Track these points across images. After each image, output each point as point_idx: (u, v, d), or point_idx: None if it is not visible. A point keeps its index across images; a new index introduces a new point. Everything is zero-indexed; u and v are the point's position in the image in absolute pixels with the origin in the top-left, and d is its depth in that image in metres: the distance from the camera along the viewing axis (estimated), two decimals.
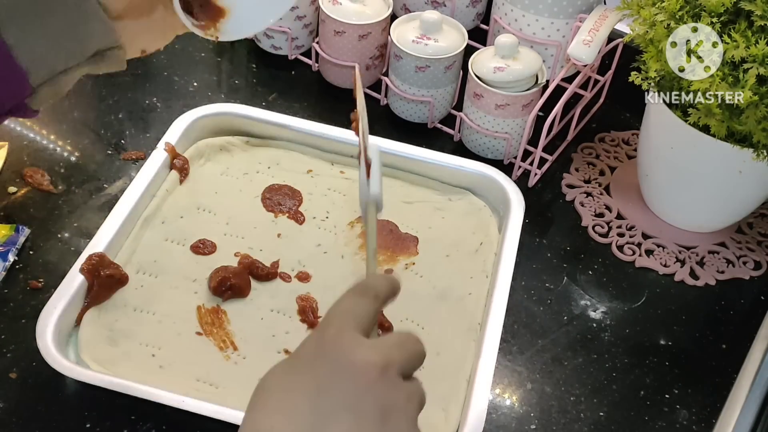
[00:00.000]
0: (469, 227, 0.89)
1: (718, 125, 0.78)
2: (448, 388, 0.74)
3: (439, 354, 0.77)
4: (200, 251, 0.83)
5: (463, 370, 0.76)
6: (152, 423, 0.72)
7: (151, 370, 0.74)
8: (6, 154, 0.92)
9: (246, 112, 0.95)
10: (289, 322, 0.79)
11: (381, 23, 1.00)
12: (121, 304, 0.78)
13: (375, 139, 0.93)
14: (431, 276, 0.84)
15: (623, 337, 0.84)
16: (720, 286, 0.90)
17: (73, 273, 0.76)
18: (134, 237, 0.83)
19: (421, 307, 0.81)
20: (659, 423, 0.77)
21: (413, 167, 0.93)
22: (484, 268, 0.84)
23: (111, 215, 0.82)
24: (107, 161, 0.95)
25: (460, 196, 0.92)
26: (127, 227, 0.82)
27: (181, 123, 0.92)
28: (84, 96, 1.03)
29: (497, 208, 0.91)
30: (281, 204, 0.89)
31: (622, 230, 0.93)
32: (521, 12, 1.00)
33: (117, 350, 0.75)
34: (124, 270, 0.79)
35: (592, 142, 1.03)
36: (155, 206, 0.86)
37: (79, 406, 0.73)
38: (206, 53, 1.11)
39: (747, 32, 0.75)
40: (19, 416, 0.72)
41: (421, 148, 0.93)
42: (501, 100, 0.93)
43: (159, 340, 0.76)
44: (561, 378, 0.79)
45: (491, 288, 0.81)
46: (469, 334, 0.79)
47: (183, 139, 0.91)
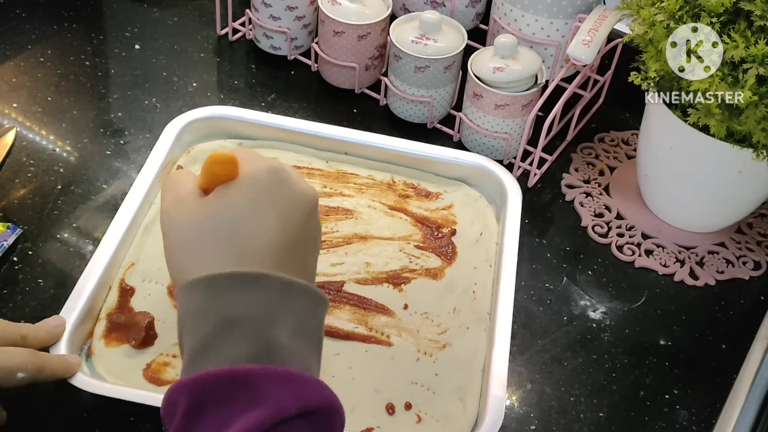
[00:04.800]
0: (467, 218, 0.89)
1: (717, 125, 0.78)
2: (464, 380, 0.75)
3: (452, 345, 0.78)
4: None
5: (477, 360, 0.76)
6: (153, 423, 0.72)
7: (166, 378, 0.74)
8: (14, 138, 0.92)
9: (238, 114, 0.94)
10: None
11: (380, 23, 1.00)
12: None
13: (373, 137, 0.93)
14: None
15: (623, 337, 0.84)
16: (720, 286, 0.90)
17: (82, 283, 0.76)
18: (137, 245, 0.82)
19: (428, 299, 0.82)
20: (659, 423, 0.77)
21: (406, 161, 0.93)
22: (487, 258, 0.85)
23: (113, 223, 0.81)
24: (107, 161, 0.95)
25: (455, 188, 0.92)
26: (129, 235, 0.82)
27: (173, 128, 0.92)
28: (84, 95, 1.03)
29: (494, 198, 0.91)
30: None
31: (621, 230, 0.93)
32: (521, 12, 1.00)
33: (132, 361, 0.74)
34: (130, 283, 0.79)
35: (591, 142, 1.03)
36: (155, 213, 0.85)
37: (81, 408, 0.72)
38: (206, 54, 1.11)
39: (747, 32, 0.75)
40: (19, 418, 0.72)
41: (414, 142, 0.93)
42: (500, 100, 0.93)
43: (174, 348, 0.76)
44: (561, 378, 0.79)
45: (496, 277, 0.81)
46: (479, 324, 0.79)
47: (176, 144, 0.91)
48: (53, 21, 1.12)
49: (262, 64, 1.10)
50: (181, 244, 0.56)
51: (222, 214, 0.55)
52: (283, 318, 0.51)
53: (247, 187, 0.55)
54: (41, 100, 1.01)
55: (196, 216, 0.56)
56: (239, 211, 0.55)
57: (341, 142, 0.93)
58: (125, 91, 1.04)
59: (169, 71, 1.07)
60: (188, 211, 0.56)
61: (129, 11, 1.16)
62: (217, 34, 1.13)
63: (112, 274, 0.79)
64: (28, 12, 1.13)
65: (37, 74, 1.04)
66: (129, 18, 1.15)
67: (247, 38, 1.12)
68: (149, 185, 0.85)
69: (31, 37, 1.10)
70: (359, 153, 0.94)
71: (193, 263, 0.54)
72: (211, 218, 0.55)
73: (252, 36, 1.11)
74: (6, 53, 1.07)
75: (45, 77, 1.04)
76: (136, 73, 1.06)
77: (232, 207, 0.55)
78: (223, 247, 0.54)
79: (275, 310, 0.51)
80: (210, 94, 1.05)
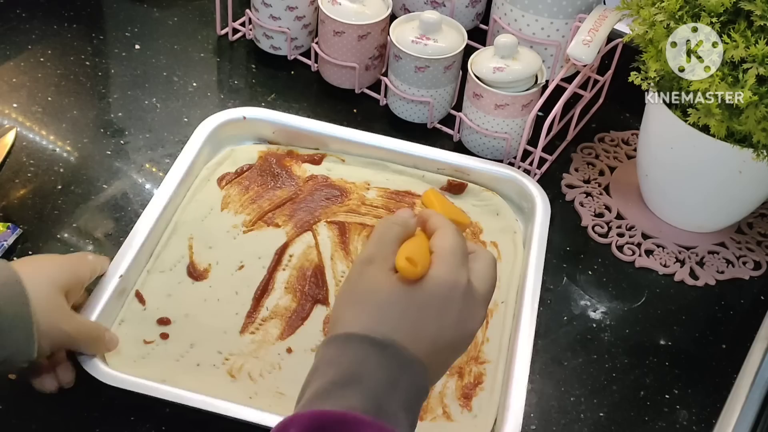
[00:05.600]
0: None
1: (717, 125, 0.78)
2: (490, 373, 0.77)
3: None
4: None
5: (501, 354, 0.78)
6: (153, 423, 0.72)
7: (184, 369, 0.74)
8: (14, 138, 0.92)
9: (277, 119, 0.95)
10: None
11: (380, 23, 1.00)
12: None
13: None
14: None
15: (623, 337, 0.84)
16: (720, 286, 0.90)
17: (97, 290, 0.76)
18: (160, 247, 0.83)
19: None
20: (659, 423, 0.77)
21: (445, 169, 0.94)
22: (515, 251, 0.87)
23: (137, 225, 0.82)
24: (107, 161, 0.95)
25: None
26: (153, 238, 0.83)
27: (205, 127, 0.92)
28: (83, 95, 1.03)
29: (522, 207, 0.91)
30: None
31: (621, 230, 0.93)
32: (521, 12, 1.00)
33: (146, 350, 0.75)
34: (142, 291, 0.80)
35: (591, 142, 1.03)
36: (177, 218, 0.86)
37: (81, 409, 0.72)
38: (206, 54, 1.11)
39: (747, 32, 0.75)
40: (18, 417, 0.72)
41: (457, 154, 0.93)
42: (500, 100, 0.93)
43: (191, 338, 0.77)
44: (561, 378, 0.79)
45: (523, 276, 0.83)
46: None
47: (207, 144, 0.92)
48: (53, 21, 1.12)
49: (262, 64, 1.10)
50: (372, 305, 0.56)
51: (420, 300, 0.56)
52: (398, 389, 0.53)
53: (447, 288, 0.56)
54: (41, 100, 1.01)
55: (396, 292, 0.56)
56: (431, 301, 0.56)
57: (382, 150, 0.94)
58: (125, 91, 1.04)
59: (169, 71, 1.07)
60: (392, 286, 0.57)
61: (129, 11, 1.16)
62: (217, 34, 1.13)
63: (131, 279, 0.80)
64: (28, 12, 1.13)
65: (37, 74, 1.04)
66: (129, 18, 1.15)
67: (247, 38, 1.12)
68: (176, 186, 0.86)
69: (31, 37, 1.10)
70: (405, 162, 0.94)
71: (360, 320, 0.56)
72: (407, 296, 0.56)
73: (252, 36, 1.11)
74: (6, 53, 1.07)
75: (45, 77, 1.04)
76: (136, 73, 1.06)
77: (431, 296, 0.56)
78: (404, 324, 0.56)
79: (394, 380, 0.53)
80: (210, 94, 1.05)
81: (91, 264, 0.74)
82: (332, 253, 0.85)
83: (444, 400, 0.74)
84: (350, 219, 0.88)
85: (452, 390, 0.75)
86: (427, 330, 0.56)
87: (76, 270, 0.72)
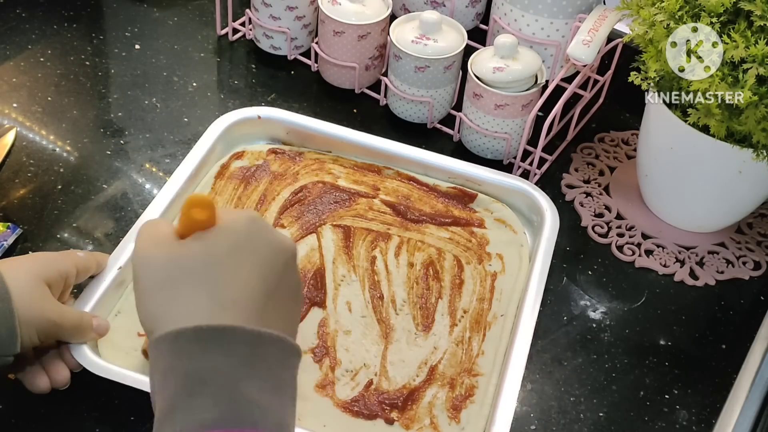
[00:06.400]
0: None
1: (717, 125, 0.78)
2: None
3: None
4: None
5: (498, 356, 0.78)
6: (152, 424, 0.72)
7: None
8: (14, 138, 0.92)
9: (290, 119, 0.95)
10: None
11: (380, 23, 1.00)
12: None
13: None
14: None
15: (623, 337, 0.84)
16: (720, 286, 0.90)
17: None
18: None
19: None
20: (659, 423, 0.77)
21: (456, 179, 0.93)
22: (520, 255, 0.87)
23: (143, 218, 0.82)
24: (107, 161, 0.95)
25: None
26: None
27: (218, 126, 0.92)
28: (83, 95, 1.03)
29: (531, 220, 0.90)
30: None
31: (621, 230, 0.93)
32: (521, 12, 1.00)
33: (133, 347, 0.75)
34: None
35: (591, 142, 1.03)
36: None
37: (81, 409, 0.72)
38: (205, 54, 1.11)
39: (747, 32, 0.75)
40: (19, 418, 0.72)
41: (469, 164, 0.93)
42: (500, 101, 0.93)
43: None
44: (561, 378, 0.79)
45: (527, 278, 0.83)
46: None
47: (219, 142, 0.92)
48: (53, 21, 1.12)
49: (262, 64, 1.10)
50: (154, 287, 0.53)
51: (200, 258, 0.53)
52: (253, 372, 0.49)
53: (227, 233, 0.54)
54: (41, 100, 1.01)
55: (173, 256, 0.54)
56: (218, 257, 0.53)
57: (394, 156, 0.94)
58: (125, 91, 1.04)
59: (169, 71, 1.07)
60: (164, 252, 0.54)
61: (129, 11, 1.16)
62: (217, 34, 1.13)
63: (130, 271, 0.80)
64: (28, 12, 1.13)
65: (37, 74, 1.04)
66: (129, 18, 1.15)
67: (247, 38, 1.13)
68: (183, 182, 0.86)
69: (31, 37, 1.10)
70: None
71: (166, 310, 0.52)
72: (189, 260, 0.53)
73: (252, 36, 1.11)
74: (6, 53, 1.07)
75: (45, 77, 1.04)
76: (136, 73, 1.06)
77: (211, 252, 0.53)
78: (198, 293, 0.52)
79: (244, 364, 0.49)
80: (210, 94, 1.05)
81: (81, 260, 0.72)
82: (334, 257, 0.85)
83: (433, 411, 0.73)
84: (356, 224, 0.88)
85: (442, 401, 0.74)
86: (246, 282, 0.52)
87: (56, 264, 0.69)
